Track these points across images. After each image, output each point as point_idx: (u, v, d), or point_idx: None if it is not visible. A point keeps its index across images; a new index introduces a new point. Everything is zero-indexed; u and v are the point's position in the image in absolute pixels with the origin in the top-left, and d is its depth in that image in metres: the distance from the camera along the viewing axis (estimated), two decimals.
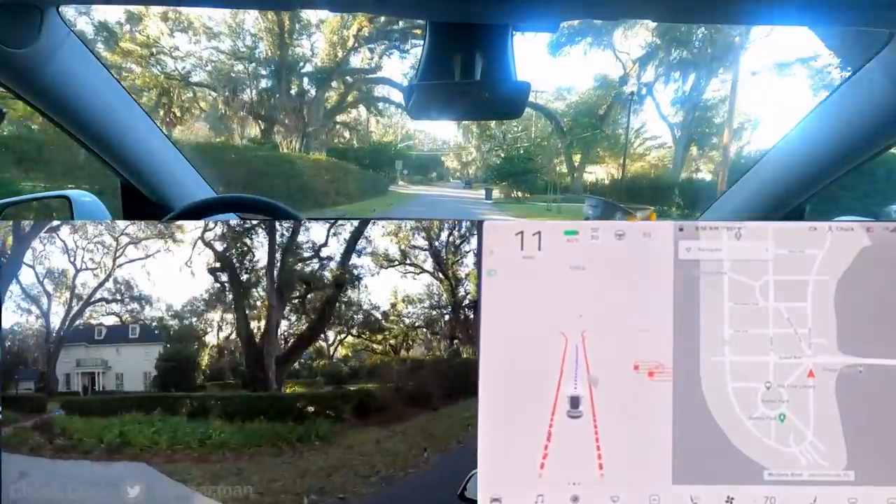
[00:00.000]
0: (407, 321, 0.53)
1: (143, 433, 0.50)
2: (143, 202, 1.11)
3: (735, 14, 0.66)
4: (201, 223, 0.55)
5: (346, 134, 25.62)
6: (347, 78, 20.56)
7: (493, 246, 0.44)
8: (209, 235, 0.53)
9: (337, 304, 0.54)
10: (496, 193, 23.12)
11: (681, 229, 0.44)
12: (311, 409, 0.52)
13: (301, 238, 0.55)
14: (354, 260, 0.53)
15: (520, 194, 22.40)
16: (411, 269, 0.52)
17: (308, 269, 0.55)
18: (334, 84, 20.50)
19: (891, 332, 0.43)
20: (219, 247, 0.53)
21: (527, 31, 0.65)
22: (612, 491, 0.43)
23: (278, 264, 0.54)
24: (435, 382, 0.51)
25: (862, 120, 0.81)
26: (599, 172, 26.75)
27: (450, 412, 0.50)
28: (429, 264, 0.51)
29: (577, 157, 25.22)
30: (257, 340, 0.54)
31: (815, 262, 0.43)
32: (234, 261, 0.54)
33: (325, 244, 0.54)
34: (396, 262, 0.52)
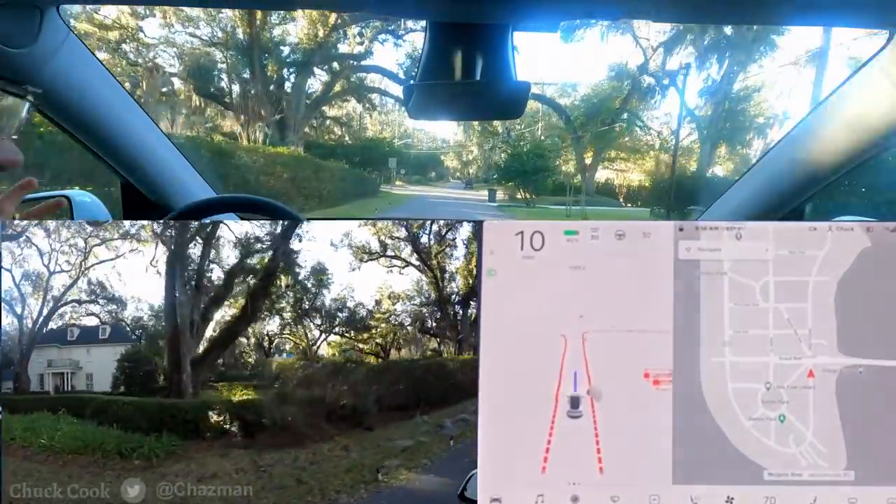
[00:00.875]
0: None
1: (41, 433, 0.48)
2: (143, 202, 1.11)
3: (735, 14, 0.67)
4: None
5: (337, 129, 23.11)
6: (334, 64, 18.20)
7: (493, 246, 0.44)
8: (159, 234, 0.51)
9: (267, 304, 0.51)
10: (500, 195, 21.06)
11: (681, 229, 0.44)
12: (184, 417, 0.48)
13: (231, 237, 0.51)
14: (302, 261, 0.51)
15: (528, 196, 19.99)
16: (397, 264, 0.51)
17: (224, 269, 0.52)
18: (318, 70, 18.13)
19: (891, 332, 0.43)
20: (159, 247, 0.51)
21: (527, 31, 0.65)
22: (612, 491, 0.43)
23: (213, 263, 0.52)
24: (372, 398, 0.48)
25: (862, 120, 0.80)
26: (614, 172, 23.79)
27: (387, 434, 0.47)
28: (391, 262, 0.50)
29: (588, 155, 22.36)
30: (173, 342, 0.51)
31: (816, 262, 0.43)
32: (164, 261, 0.51)
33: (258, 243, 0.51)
34: (377, 256, 0.51)
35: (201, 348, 0.52)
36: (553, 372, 0.43)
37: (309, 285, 0.52)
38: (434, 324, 0.52)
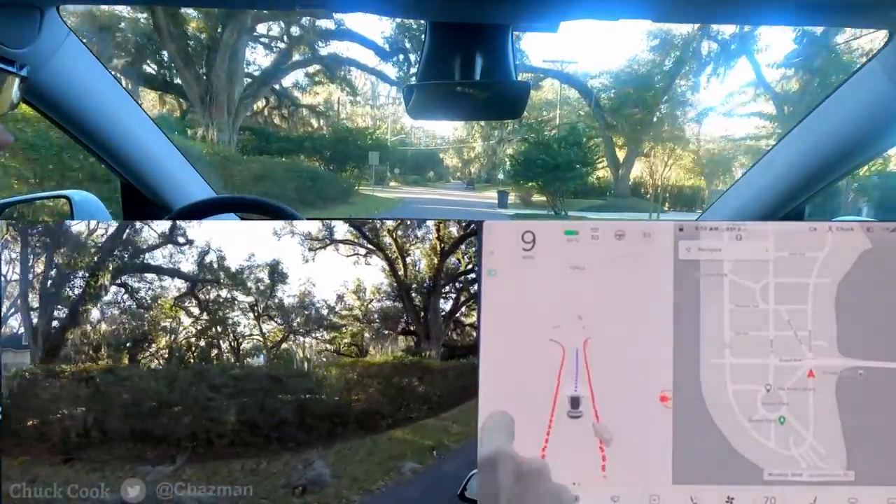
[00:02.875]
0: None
1: None
2: (143, 202, 1.12)
3: (735, 14, 0.67)
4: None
5: (313, 120, 18.26)
6: (293, 31, 13.09)
7: (493, 246, 0.44)
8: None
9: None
10: (512, 197, 16.69)
11: (681, 229, 0.44)
12: None
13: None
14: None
15: (555, 200, 14.67)
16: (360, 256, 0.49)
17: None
18: (262, 31, 13.06)
19: (891, 334, 0.43)
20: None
21: (527, 32, 0.65)
22: (612, 491, 0.43)
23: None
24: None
25: (862, 120, 0.81)
26: (649, 170, 17.99)
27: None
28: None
29: (620, 151, 17.71)
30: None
31: (816, 264, 0.43)
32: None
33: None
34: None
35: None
36: (553, 372, 0.43)
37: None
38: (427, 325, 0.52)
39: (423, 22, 0.67)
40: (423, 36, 0.67)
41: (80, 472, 0.47)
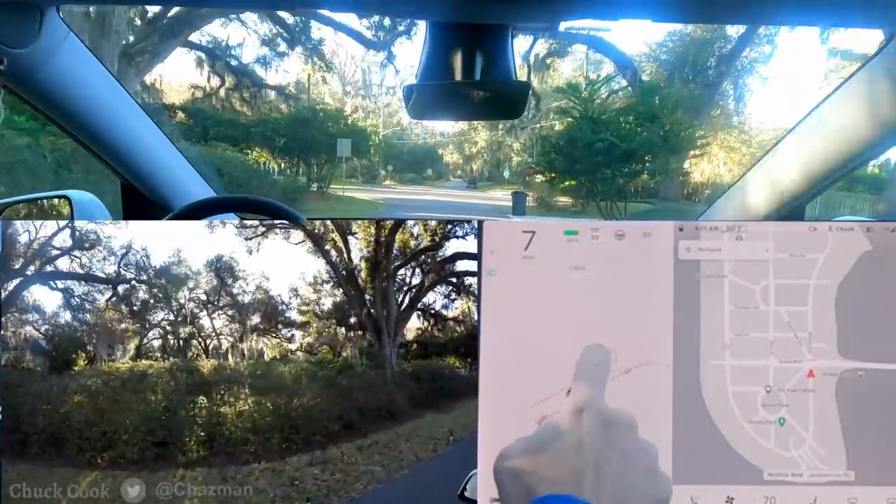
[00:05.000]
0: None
1: None
2: (143, 202, 1.12)
3: (735, 14, 0.67)
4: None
5: (284, 106, 14.38)
6: None
7: (494, 246, 0.44)
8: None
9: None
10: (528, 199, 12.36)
11: (681, 229, 0.44)
12: None
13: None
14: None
15: (606, 203, 10.09)
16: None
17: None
18: None
19: (891, 336, 0.43)
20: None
21: (527, 31, 0.65)
22: None
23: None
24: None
25: (862, 120, 0.80)
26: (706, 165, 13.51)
27: None
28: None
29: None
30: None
31: (816, 265, 0.43)
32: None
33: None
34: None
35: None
36: (553, 372, 0.43)
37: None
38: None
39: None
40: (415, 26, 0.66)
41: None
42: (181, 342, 0.52)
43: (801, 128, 0.93)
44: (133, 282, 0.50)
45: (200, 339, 0.52)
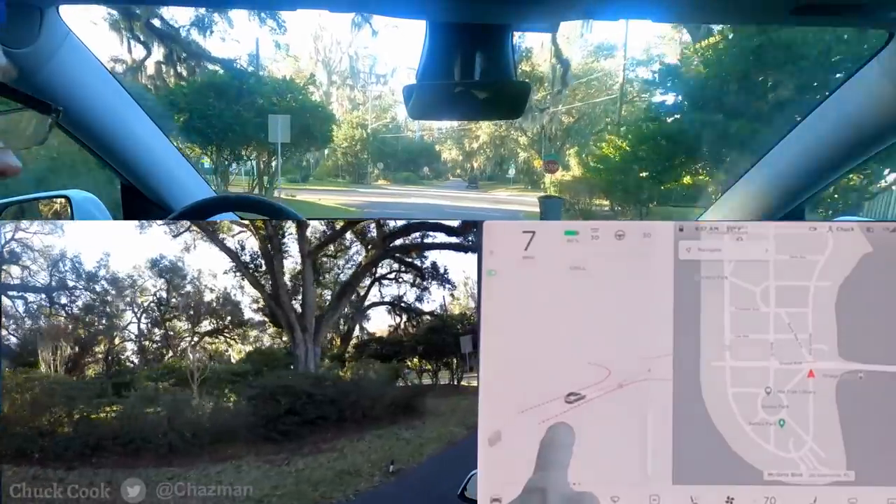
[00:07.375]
0: None
1: None
2: (143, 202, 1.12)
3: (735, 14, 0.67)
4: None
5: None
6: None
7: (494, 246, 0.44)
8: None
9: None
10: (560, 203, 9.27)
11: (681, 229, 0.44)
12: None
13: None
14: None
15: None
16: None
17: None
18: None
19: (891, 337, 0.43)
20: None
21: (527, 32, 0.65)
22: (612, 491, 0.43)
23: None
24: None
25: (862, 120, 0.80)
26: None
27: None
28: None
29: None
30: None
31: (817, 267, 0.43)
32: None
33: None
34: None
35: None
36: (553, 372, 0.43)
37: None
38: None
39: None
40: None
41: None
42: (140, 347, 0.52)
43: (801, 127, 0.93)
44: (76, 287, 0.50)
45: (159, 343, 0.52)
